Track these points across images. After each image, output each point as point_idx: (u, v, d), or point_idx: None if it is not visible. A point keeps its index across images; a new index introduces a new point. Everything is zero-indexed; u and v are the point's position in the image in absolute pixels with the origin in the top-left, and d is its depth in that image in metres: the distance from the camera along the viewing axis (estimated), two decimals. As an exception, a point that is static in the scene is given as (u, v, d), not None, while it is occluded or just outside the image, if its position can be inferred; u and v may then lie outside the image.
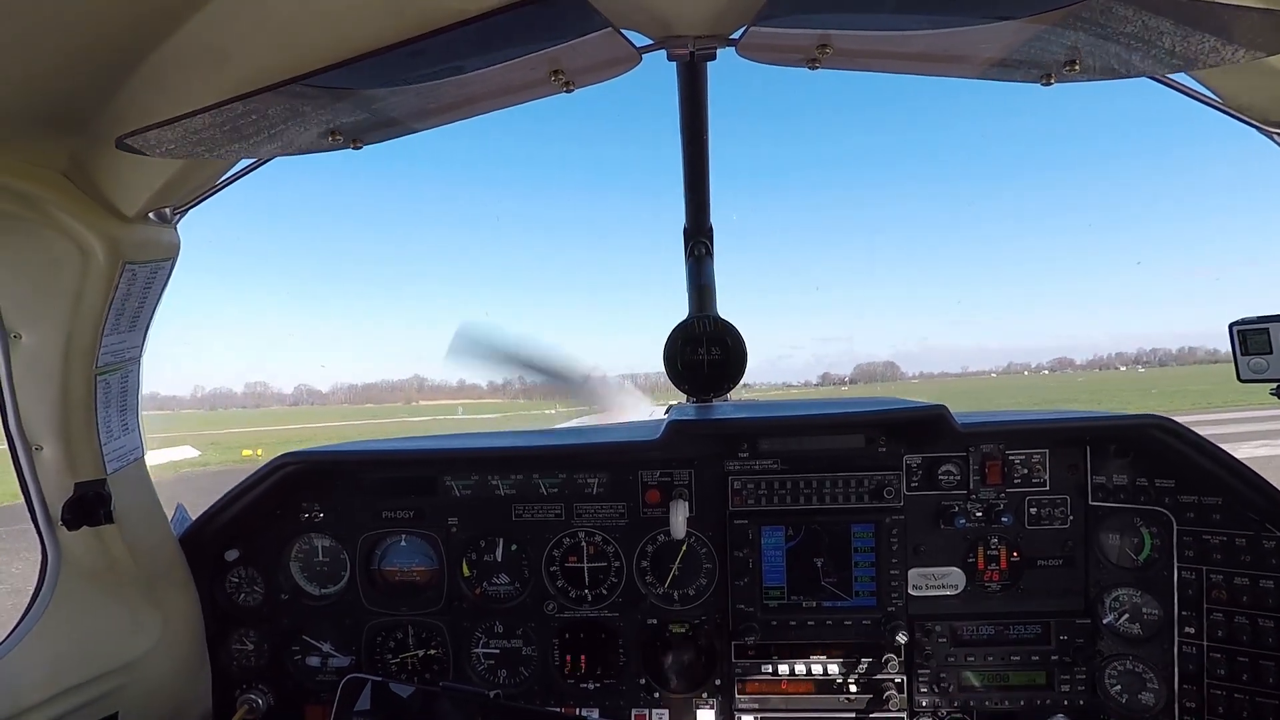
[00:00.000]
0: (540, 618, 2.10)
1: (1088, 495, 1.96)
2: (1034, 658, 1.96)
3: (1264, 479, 1.80)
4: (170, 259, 1.67)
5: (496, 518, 2.11)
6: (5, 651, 1.61)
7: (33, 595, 1.74)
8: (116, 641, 1.79)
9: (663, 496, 2.05)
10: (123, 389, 1.74)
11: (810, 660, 2.02)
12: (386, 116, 1.31)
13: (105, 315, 1.56)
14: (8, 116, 1.19)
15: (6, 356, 1.54)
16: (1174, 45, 1.11)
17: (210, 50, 1.12)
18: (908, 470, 1.99)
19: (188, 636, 2.01)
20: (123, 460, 1.78)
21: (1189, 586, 1.87)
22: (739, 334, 2.62)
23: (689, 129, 2.14)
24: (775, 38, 1.22)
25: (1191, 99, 1.40)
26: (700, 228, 2.72)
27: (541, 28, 1.07)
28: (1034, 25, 1.09)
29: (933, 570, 2.00)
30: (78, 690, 1.68)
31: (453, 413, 68.16)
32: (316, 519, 2.13)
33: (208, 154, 1.38)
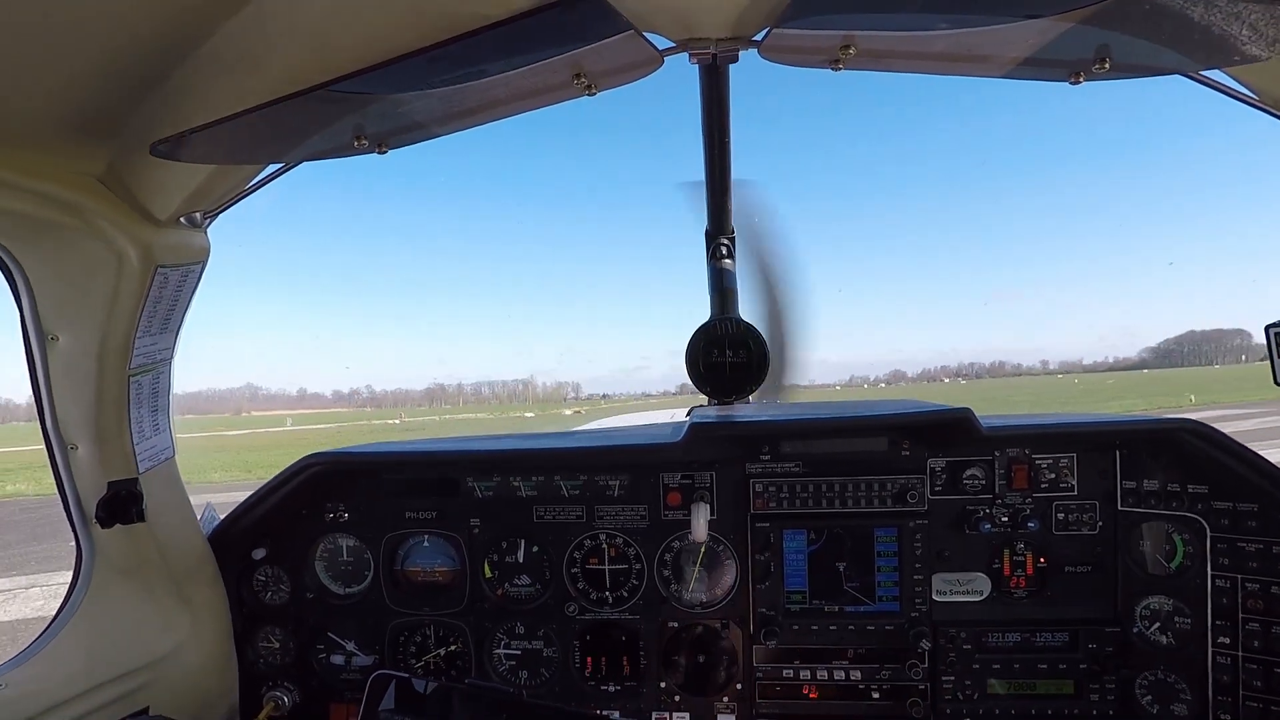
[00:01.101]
0: (561, 619, 2.10)
1: (1117, 501, 1.92)
2: (1061, 666, 1.92)
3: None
4: (201, 262, 1.70)
5: (518, 519, 2.12)
6: (42, 646, 1.66)
7: (67, 591, 1.79)
8: (147, 637, 1.83)
9: (684, 499, 2.04)
10: (154, 390, 1.77)
11: (832, 665, 2.00)
12: (411, 121, 1.33)
13: (138, 317, 1.60)
14: (46, 124, 1.23)
15: (44, 358, 1.58)
16: (1209, 41, 1.09)
17: (240, 58, 1.14)
18: (931, 474, 1.97)
19: (216, 633, 2.05)
20: (154, 460, 1.81)
21: (1223, 595, 1.83)
22: (761, 336, 2.61)
23: (711, 130, 2.14)
24: (798, 39, 1.22)
25: (1227, 96, 1.37)
26: (722, 229, 2.72)
27: (564, 31, 1.08)
28: (1062, 23, 1.07)
29: (957, 576, 1.97)
30: (110, 685, 1.72)
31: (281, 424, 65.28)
32: (341, 519, 2.15)
33: (238, 159, 1.41)
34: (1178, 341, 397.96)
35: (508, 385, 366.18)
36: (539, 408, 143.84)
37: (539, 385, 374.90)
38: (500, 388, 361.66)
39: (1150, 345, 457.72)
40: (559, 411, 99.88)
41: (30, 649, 1.66)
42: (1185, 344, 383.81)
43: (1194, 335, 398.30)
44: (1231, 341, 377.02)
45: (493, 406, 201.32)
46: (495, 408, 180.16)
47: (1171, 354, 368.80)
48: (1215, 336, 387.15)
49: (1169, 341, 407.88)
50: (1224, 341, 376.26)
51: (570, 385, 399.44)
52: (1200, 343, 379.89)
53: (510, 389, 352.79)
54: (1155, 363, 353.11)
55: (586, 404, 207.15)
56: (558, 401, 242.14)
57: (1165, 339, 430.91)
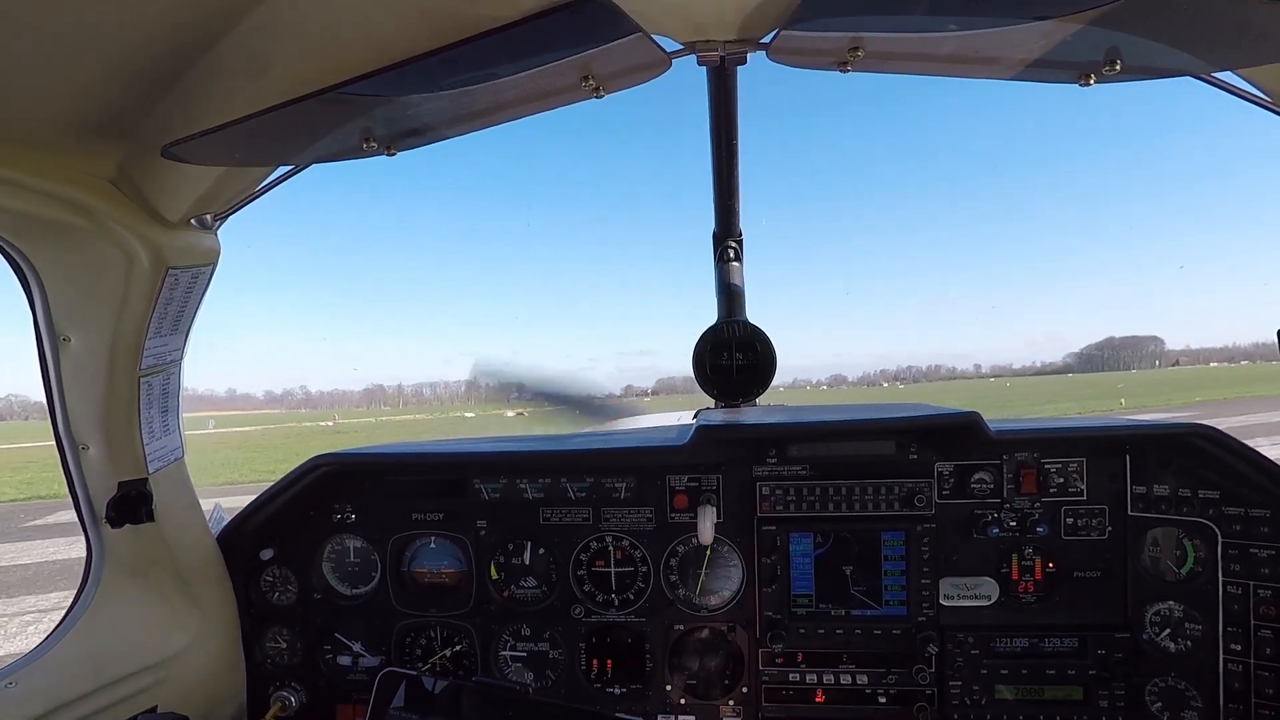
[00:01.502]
0: (567, 621, 2.10)
1: (1127, 505, 1.91)
2: (1070, 672, 1.91)
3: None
4: (211, 264, 1.72)
5: (525, 521, 2.12)
6: (52, 644, 1.67)
7: (77, 590, 1.80)
8: (156, 637, 1.84)
9: (690, 502, 2.04)
10: (164, 391, 1.79)
11: (839, 669, 1.99)
12: (420, 123, 1.34)
13: (149, 319, 1.61)
14: (59, 126, 1.24)
15: (56, 359, 1.60)
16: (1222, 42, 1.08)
17: (251, 60, 1.15)
18: (939, 478, 1.96)
19: (224, 633, 2.06)
20: (164, 460, 1.83)
21: (1235, 602, 1.81)
22: (768, 339, 2.61)
23: (718, 133, 2.14)
24: (806, 41, 1.22)
25: (1238, 98, 1.36)
26: (730, 232, 2.72)
27: (572, 33, 1.08)
28: (1071, 24, 1.07)
29: (965, 580, 1.96)
30: (119, 684, 1.73)
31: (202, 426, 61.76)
32: (348, 520, 2.16)
33: (248, 162, 1.42)
34: (1099, 347, 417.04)
35: (450, 386, 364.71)
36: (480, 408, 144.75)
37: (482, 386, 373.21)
38: (443, 388, 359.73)
39: (1074, 350, 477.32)
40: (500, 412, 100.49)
41: (40, 647, 1.68)
42: (1105, 349, 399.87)
43: (1113, 341, 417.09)
44: (1146, 348, 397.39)
45: (433, 408, 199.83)
46: (435, 409, 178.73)
47: (1093, 359, 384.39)
48: (1132, 343, 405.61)
49: (1091, 347, 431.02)
50: (1140, 347, 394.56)
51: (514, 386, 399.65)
52: (1119, 348, 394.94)
53: (453, 390, 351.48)
54: (1079, 367, 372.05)
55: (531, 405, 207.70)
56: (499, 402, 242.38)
57: (1087, 344, 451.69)
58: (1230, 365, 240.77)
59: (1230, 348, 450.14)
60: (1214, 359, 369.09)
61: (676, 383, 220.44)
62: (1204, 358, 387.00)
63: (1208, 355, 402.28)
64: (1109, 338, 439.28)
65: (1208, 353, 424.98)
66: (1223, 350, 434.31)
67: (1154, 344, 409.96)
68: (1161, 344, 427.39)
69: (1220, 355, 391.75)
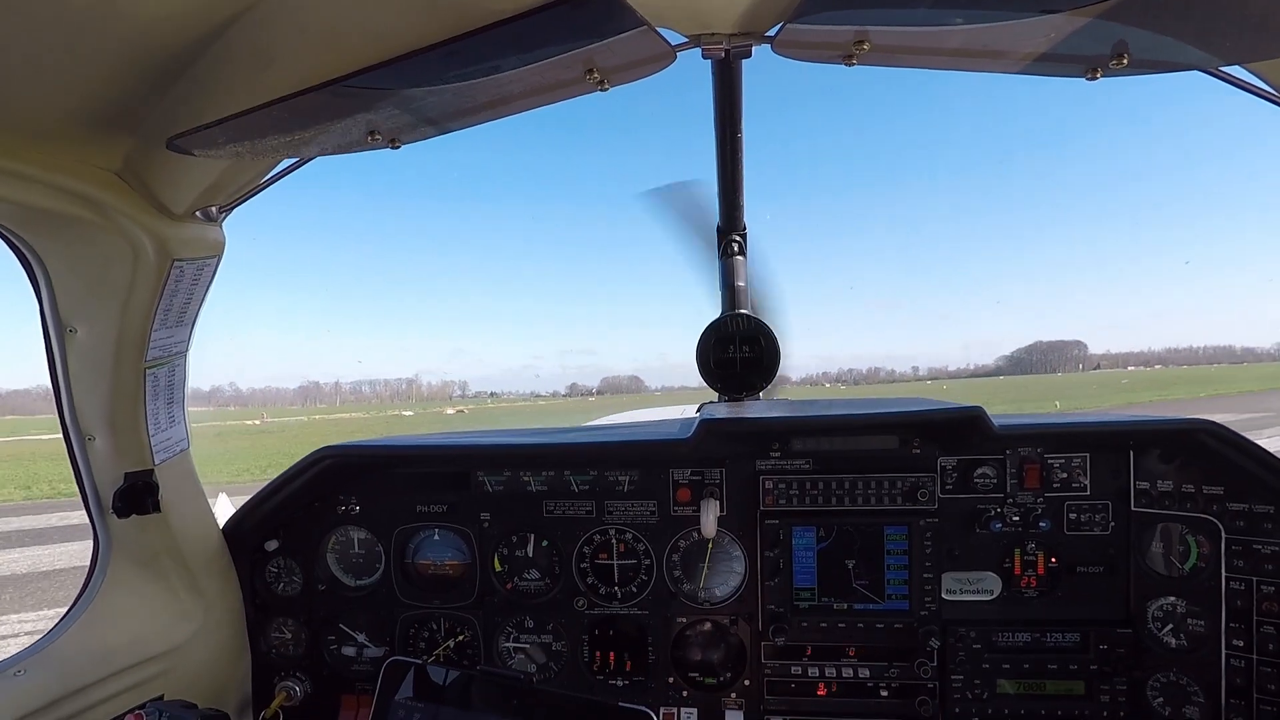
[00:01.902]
0: (570, 614, 2.11)
1: (1130, 501, 1.91)
2: (1072, 667, 1.91)
3: None
4: (216, 256, 1.72)
5: (528, 513, 2.13)
6: (59, 633, 1.68)
7: (84, 581, 1.81)
8: (162, 626, 1.86)
9: (693, 495, 2.04)
10: (170, 382, 1.79)
11: (841, 663, 1.99)
12: (424, 116, 1.33)
13: (154, 311, 1.62)
14: (65, 118, 1.24)
15: (63, 350, 1.61)
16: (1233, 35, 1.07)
17: (256, 53, 1.15)
18: (942, 472, 1.96)
19: (229, 624, 2.07)
20: (170, 451, 1.84)
21: (1238, 597, 1.81)
22: (772, 333, 2.61)
23: (723, 127, 2.13)
24: (811, 34, 1.21)
25: (1248, 93, 1.35)
26: (734, 226, 2.72)
27: (577, 26, 1.08)
28: (1079, 18, 1.06)
29: (967, 575, 1.96)
30: (125, 673, 1.74)
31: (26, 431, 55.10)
32: (353, 511, 2.17)
33: (253, 154, 1.42)
34: (1027, 351, 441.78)
35: (390, 384, 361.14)
36: (420, 406, 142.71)
37: (424, 384, 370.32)
38: (383, 386, 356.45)
39: (1005, 354, 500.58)
40: (440, 410, 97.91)
41: (48, 636, 1.69)
42: (1034, 353, 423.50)
43: (1041, 345, 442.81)
44: (1071, 352, 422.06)
45: (371, 406, 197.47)
46: (374, 407, 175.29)
47: (1022, 362, 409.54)
48: (1059, 347, 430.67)
49: (1020, 350, 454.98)
50: (1065, 351, 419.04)
51: (457, 384, 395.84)
52: (1046, 352, 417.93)
53: (393, 388, 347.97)
54: (1009, 369, 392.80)
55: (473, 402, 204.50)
56: (442, 400, 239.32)
57: (1017, 348, 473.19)
58: (1146, 369, 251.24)
59: (1145, 352, 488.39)
60: (1131, 363, 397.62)
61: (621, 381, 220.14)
62: (1122, 361, 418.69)
63: (1125, 360, 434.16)
64: (1037, 341, 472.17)
65: (1125, 357, 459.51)
66: (1139, 355, 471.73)
67: (1078, 348, 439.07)
68: (1085, 348, 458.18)
69: (1137, 360, 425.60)
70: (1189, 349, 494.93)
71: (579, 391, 72.68)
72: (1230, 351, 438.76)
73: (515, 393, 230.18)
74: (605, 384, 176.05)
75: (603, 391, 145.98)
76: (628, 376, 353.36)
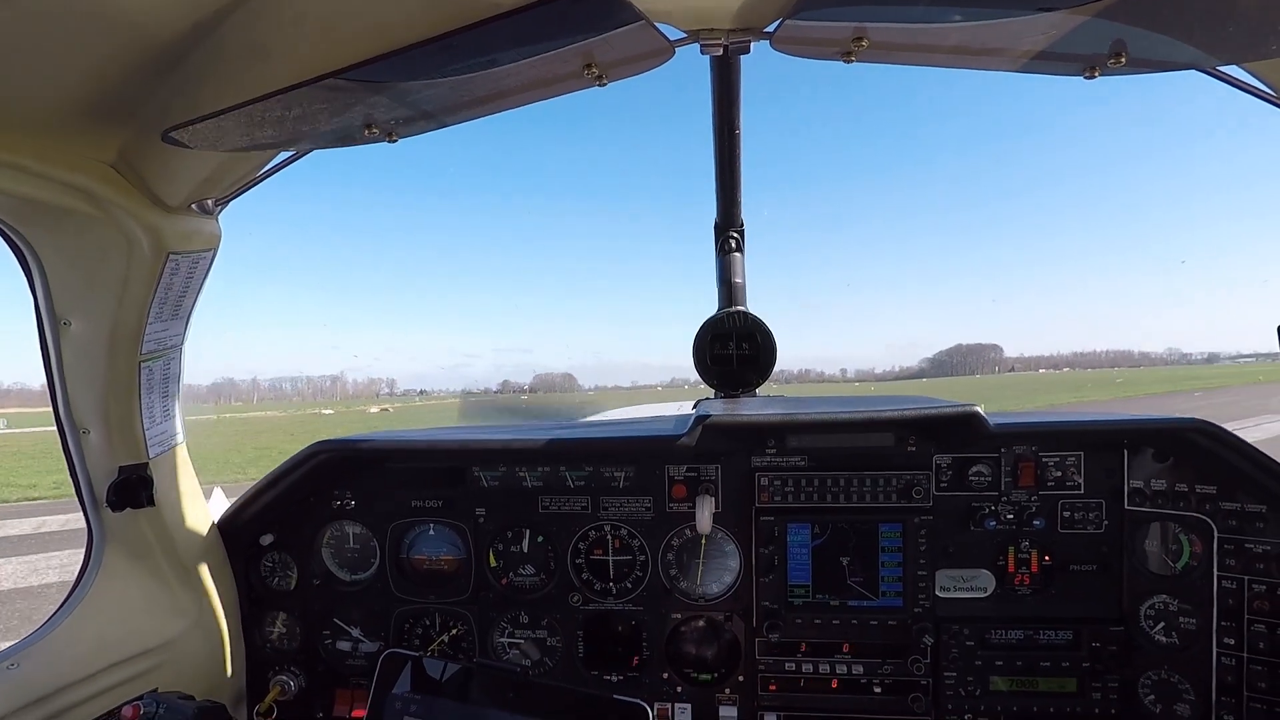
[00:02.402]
0: (565, 609, 2.12)
1: (1124, 500, 1.92)
2: (1064, 664, 1.92)
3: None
4: (212, 249, 1.71)
5: (523, 509, 2.13)
6: (53, 627, 1.68)
7: (78, 574, 1.81)
8: (156, 620, 1.85)
9: (689, 491, 2.05)
10: (165, 376, 1.79)
11: (835, 659, 2.00)
12: (421, 110, 1.33)
13: (150, 304, 1.61)
14: (61, 110, 1.24)
15: (57, 343, 1.60)
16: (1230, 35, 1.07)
17: (252, 45, 1.14)
18: (937, 470, 1.97)
19: (224, 618, 2.07)
20: (164, 445, 1.83)
21: (1229, 596, 1.82)
22: (769, 330, 2.61)
23: (721, 123, 2.13)
24: (810, 31, 1.21)
25: (1245, 92, 1.36)
26: (731, 222, 2.71)
27: (575, 21, 1.07)
28: (1077, 16, 1.06)
29: (961, 572, 1.97)
30: (119, 666, 1.74)
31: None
32: (348, 506, 2.17)
33: (248, 147, 1.41)
34: (949, 353, 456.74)
35: (314, 381, 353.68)
36: (343, 404, 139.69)
37: (350, 381, 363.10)
38: (305, 384, 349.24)
39: (927, 356, 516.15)
40: (364, 409, 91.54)
41: (41, 630, 1.69)
42: (955, 356, 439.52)
43: (961, 348, 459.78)
44: (988, 355, 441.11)
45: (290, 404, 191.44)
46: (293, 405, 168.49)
47: (944, 364, 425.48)
48: (977, 350, 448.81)
49: (942, 353, 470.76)
50: (983, 354, 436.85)
51: (385, 381, 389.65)
52: (966, 355, 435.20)
53: (317, 385, 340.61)
54: (932, 371, 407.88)
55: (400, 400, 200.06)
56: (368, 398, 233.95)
57: (939, 350, 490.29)
58: (1056, 372, 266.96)
59: (1054, 356, 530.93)
60: (1042, 366, 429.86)
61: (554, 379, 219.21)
62: (1034, 364, 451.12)
63: (1037, 363, 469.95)
64: (958, 344, 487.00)
65: (1037, 360, 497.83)
66: (1049, 359, 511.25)
67: (994, 351, 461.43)
68: (1001, 351, 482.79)
69: (1047, 363, 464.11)
70: (1092, 353, 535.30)
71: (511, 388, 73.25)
72: (1129, 356, 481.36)
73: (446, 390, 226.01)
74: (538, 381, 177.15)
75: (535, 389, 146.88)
76: (561, 374, 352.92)
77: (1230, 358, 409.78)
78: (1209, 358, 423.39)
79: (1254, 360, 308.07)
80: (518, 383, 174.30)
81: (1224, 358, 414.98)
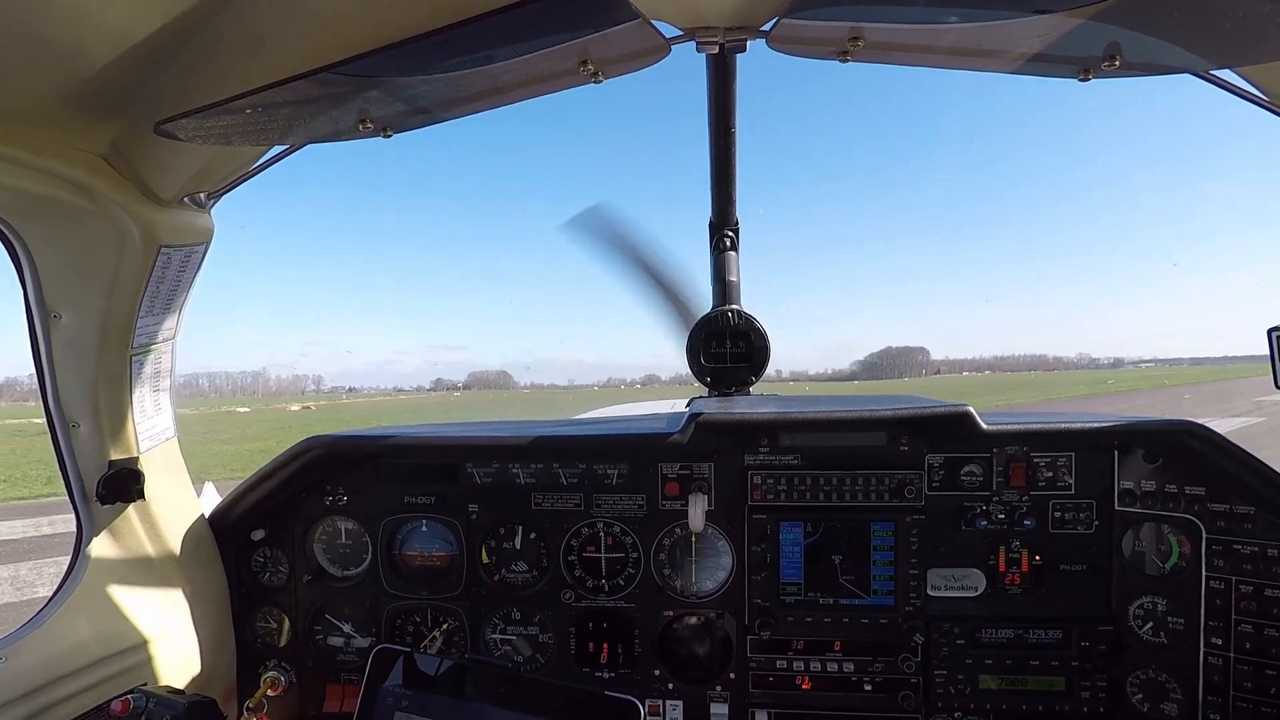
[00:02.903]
0: (557, 606, 2.12)
1: (1114, 500, 1.93)
2: (1054, 663, 1.93)
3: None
4: (204, 243, 1.70)
5: (516, 506, 2.13)
6: (41, 621, 1.67)
7: (67, 568, 1.80)
8: (145, 615, 1.84)
9: (682, 489, 2.05)
10: (156, 370, 1.78)
11: (826, 657, 2.01)
12: (416, 105, 1.33)
13: (141, 297, 1.60)
14: (52, 100, 1.22)
15: (47, 336, 1.59)
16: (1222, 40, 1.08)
17: (246, 38, 1.14)
18: (929, 470, 1.97)
19: (214, 613, 2.06)
20: (155, 439, 1.82)
21: (1217, 596, 1.83)
22: (763, 329, 2.61)
23: (717, 121, 2.13)
24: (806, 30, 1.21)
25: (1237, 96, 1.37)
26: (726, 221, 2.72)
27: (572, 18, 1.07)
28: (1072, 19, 1.07)
29: (952, 571, 1.98)
30: (108, 661, 1.73)
31: None
32: (340, 502, 2.16)
33: (242, 140, 1.41)
34: (879, 356, 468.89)
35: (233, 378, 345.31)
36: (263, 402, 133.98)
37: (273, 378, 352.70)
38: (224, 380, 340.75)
39: (859, 359, 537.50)
40: (285, 407, 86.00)
41: (29, 624, 1.68)
42: (884, 359, 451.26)
43: (890, 351, 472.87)
44: (915, 357, 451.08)
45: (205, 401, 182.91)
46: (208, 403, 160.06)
47: (874, 367, 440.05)
48: (905, 353, 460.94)
49: (873, 355, 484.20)
50: (910, 357, 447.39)
51: (311, 378, 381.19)
52: (895, 358, 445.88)
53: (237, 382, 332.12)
54: (863, 374, 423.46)
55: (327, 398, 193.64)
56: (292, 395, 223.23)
57: (870, 353, 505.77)
58: (978, 374, 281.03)
59: (977, 359, 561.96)
60: (966, 369, 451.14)
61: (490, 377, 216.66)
62: (959, 367, 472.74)
63: (961, 365, 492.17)
64: (888, 347, 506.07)
65: (961, 363, 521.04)
66: (972, 361, 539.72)
67: (922, 354, 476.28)
68: (928, 354, 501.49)
69: (970, 366, 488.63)
70: (1012, 356, 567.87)
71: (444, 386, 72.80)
72: (1044, 360, 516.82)
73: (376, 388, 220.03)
74: (473, 379, 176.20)
75: (469, 386, 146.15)
76: (496, 372, 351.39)
77: (1133, 363, 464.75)
78: (1114, 362, 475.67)
79: (1154, 365, 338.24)
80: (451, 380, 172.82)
81: (1128, 363, 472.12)
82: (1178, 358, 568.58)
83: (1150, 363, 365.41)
